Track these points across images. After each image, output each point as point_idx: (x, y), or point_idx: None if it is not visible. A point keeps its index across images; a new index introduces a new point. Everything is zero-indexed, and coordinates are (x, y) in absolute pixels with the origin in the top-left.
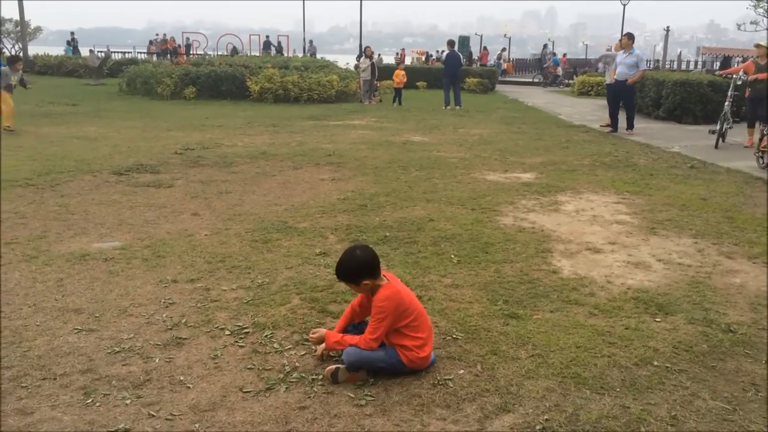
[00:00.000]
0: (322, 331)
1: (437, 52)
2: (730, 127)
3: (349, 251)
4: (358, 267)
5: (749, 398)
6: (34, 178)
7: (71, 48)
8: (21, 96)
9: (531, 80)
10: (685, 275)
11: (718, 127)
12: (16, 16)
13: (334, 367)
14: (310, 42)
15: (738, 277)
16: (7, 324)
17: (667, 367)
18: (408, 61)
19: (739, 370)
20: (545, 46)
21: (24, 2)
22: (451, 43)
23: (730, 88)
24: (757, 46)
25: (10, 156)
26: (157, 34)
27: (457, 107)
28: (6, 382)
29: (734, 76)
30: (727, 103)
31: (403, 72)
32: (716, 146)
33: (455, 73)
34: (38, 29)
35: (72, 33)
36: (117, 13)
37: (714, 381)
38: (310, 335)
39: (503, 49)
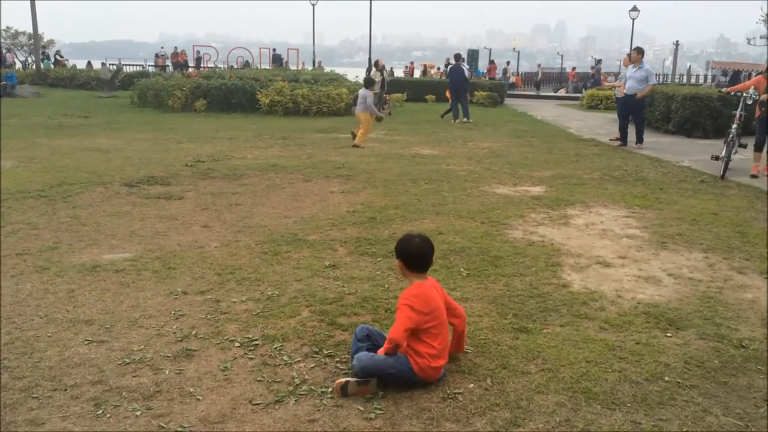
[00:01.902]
0: None
1: (445, 65)
2: (735, 152)
3: (410, 234)
4: (403, 248)
5: (761, 414)
6: (46, 189)
7: (50, 61)
8: (34, 109)
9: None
10: (696, 290)
11: (723, 154)
12: (30, 29)
13: (343, 380)
14: (319, 63)
15: (749, 292)
16: (18, 335)
17: (679, 382)
18: (417, 74)
19: (751, 386)
20: (598, 61)
21: (37, 15)
22: (457, 57)
23: (739, 108)
24: None
25: (22, 167)
26: (162, 47)
27: (465, 120)
28: (17, 392)
29: (744, 93)
30: (734, 126)
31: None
32: (722, 176)
33: (459, 87)
34: (51, 42)
35: (49, 49)
36: (129, 26)
37: (726, 397)
38: None
39: (508, 63)
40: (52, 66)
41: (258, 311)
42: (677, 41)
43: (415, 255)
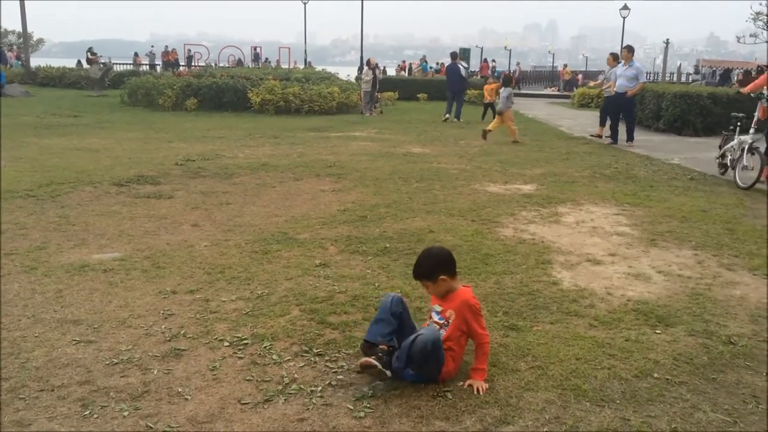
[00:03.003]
0: (474, 384)
1: (437, 64)
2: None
3: (425, 250)
4: (438, 263)
5: (750, 410)
6: (34, 189)
7: (20, 62)
8: (23, 108)
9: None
10: (686, 287)
11: (751, 163)
12: (19, 28)
13: (372, 362)
14: (309, 62)
15: (738, 289)
16: (5, 335)
17: (668, 379)
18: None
19: (739, 382)
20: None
21: (26, 14)
22: (453, 55)
23: (758, 110)
24: None
25: (11, 167)
26: (152, 46)
27: (455, 120)
28: (4, 393)
29: (765, 92)
30: (752, 131)
31: (493, 86)
32: (751, 186)
33: (456, 86)
34: (41, 41)
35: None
36: (120, 25)
37: (714, 393)
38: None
39: (493, 61)
40: (86, 66)
41: (248, 310)
42: (667, 40)
43: (446, 259)
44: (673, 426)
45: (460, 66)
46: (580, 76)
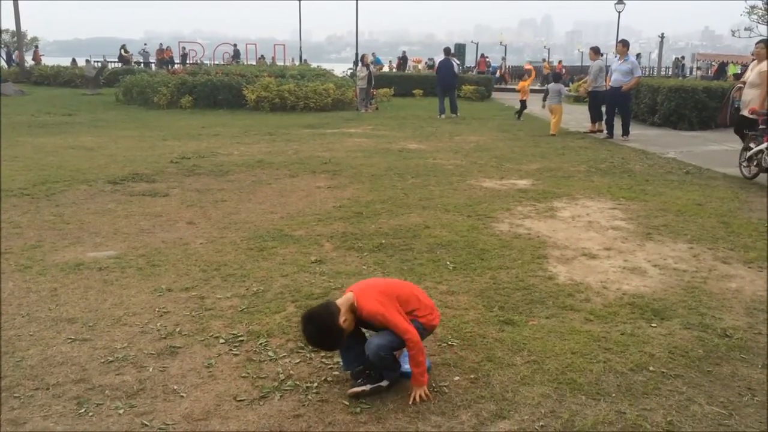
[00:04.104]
0: (413, 393)
1: (429, 60)
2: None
3: (306, 329)
4: (327, 329)
5: (745, 403)
6: (29, 188)
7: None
8: (18, 107)
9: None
10: (681, 280)
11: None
12: (13, 27)
13: (358, 390)
14: (305, 60)
15: (734, 282)
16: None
17: (663, 372)
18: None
19: (735, 374)
20: (680, 58)
21: (20, 13)
22: (446, 51)
23: None
24: None
25: (5, 166)
26: (145, 44)
27: (453, 115)
28: None
29: None
30: None
31: (528, 83)
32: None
33: (447, 82)
34: (35, 39)
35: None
36: (114, 23)
37: (710, 386)
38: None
39: (486, 57)
40: (118, 64)
41: (243, 307)
42: (663, 34)
43: (326, 322)
44: (668, 419)
45: (453, 62)
46: (563, 71)
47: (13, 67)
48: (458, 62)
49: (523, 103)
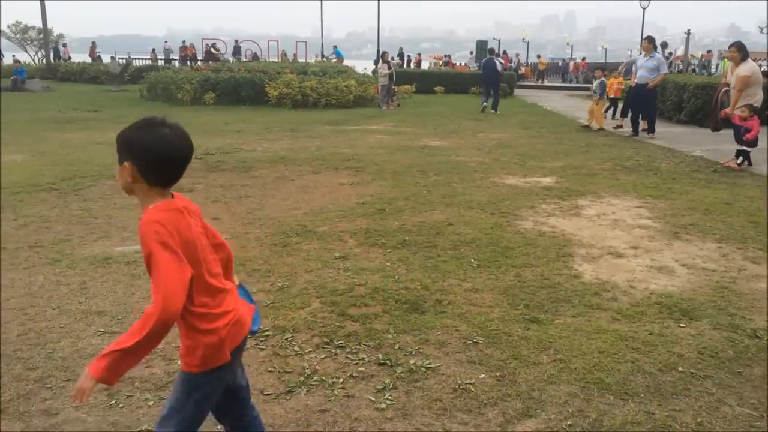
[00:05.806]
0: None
1: (446, 56)
2: None
3: (151, 119)
4: (141, 141)
5: None
6: (57, 182)
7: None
8: (44, 103)
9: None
10: (710, 280)
11: None
12: (39, 24)
13: None
14: (327, 57)
15: (764, 282)
16: (32, 326)
17: (692, 372)
18: (425, 65)
19: (765, 376)
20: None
21: (47, 10)
22: (491, 51)
23: None
24: None
25: (33, 161)
26: (166, 42)
27: (493, 111)
28: (31, 383)
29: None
30: None
31: (619, 80)
32: None
33: (490, 79)
34: (61, 36)
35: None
36: (138, 20)
37: (740, 387)
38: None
39: (505, 53)
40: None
41: (268, 302)
42: (689, 30)
43: (162, 156)
44: (698, 420)
45: (496, 61)
46: (585, 68)
47: (60, 61)
48: (501, 61)
49: (613, 101)
